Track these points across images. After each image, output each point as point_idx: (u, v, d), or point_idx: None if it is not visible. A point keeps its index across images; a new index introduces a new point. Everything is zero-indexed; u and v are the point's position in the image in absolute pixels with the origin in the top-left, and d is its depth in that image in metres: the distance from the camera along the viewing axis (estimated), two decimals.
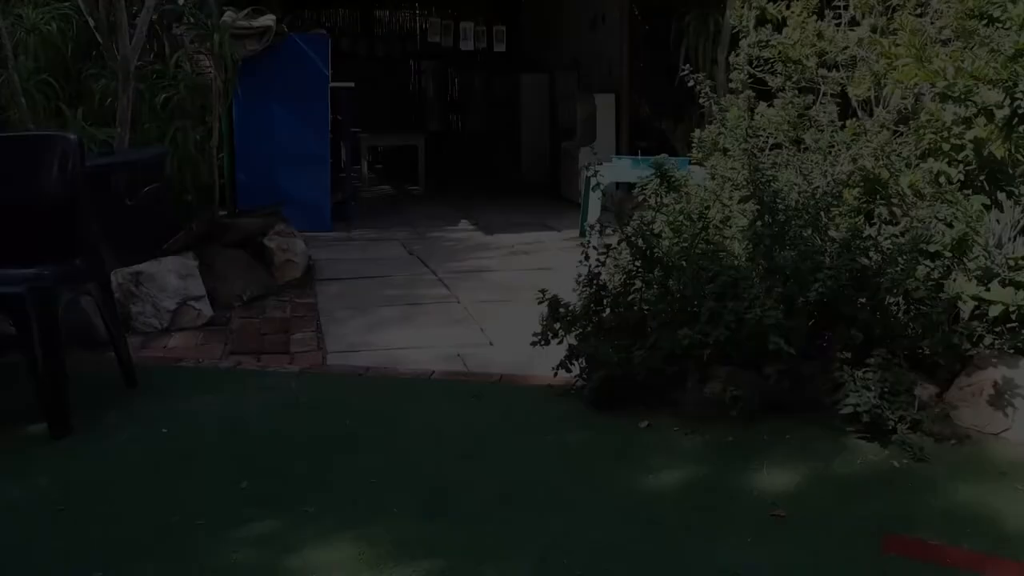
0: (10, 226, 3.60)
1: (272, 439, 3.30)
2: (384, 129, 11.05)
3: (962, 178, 3.58)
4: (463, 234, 7.56)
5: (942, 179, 3.57)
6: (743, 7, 4.91)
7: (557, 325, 3.61)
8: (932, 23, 4.51)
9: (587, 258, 3.67)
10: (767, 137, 3.97)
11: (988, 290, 3.07)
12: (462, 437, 3.31)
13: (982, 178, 3.41)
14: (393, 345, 4.40)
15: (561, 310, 3.70)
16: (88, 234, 3.69)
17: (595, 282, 3.65)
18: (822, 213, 3.35)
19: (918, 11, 4.54)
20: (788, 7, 4.83)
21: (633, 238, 3.40)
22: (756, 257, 3.24)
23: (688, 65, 4.90)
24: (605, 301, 3.65)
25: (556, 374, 3.69)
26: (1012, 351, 3.24)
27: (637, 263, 3.53)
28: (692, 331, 3.15)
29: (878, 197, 3.76)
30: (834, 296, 3.22)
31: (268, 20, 7.03)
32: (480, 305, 5.10)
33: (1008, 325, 3.26)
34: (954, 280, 3.20)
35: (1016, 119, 3.35)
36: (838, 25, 4.81)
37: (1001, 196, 3.36)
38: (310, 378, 3.94)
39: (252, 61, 7.06)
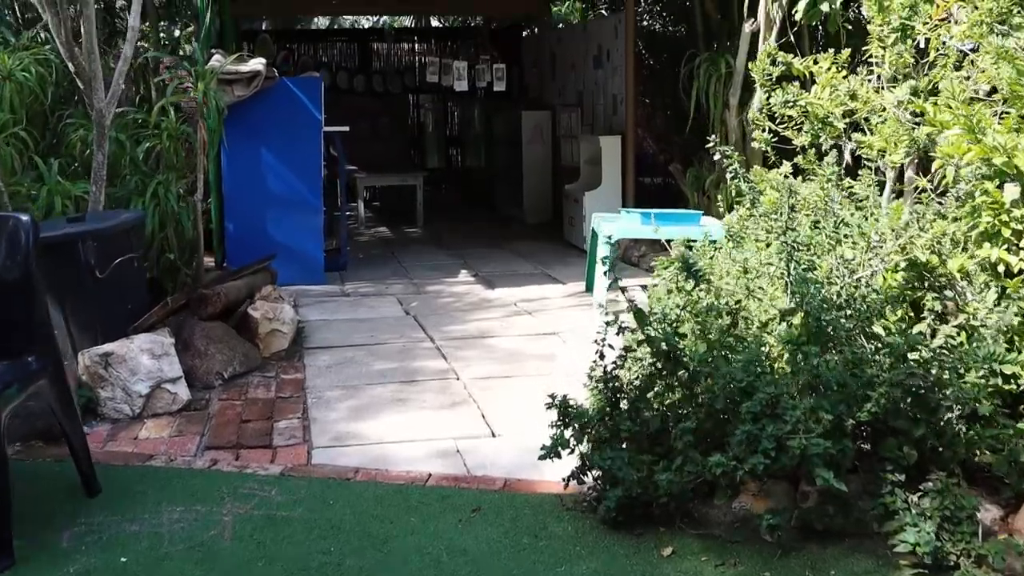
0: None
1: (245, 571, 2.89)
2: (382, 168, 10.68)
3: None
4: (462, 288, 7.16)
5: (1000, 268, 3.19)
6: (767, 60, 4.54)
7: (568, 433, 3.21)
8: (969, 77, 4.14)
9: (602, 357, 3.27)
10: (802, 218, 3.58)
11: None
12: (461, 567, 2.91)
13: None
14: (385, 438, 3.99)
15: (571, 410, 3.30)
16: (42, 327, 3.31)
17: (611, 384, 3.25)
18: (872, 317, 2.96)
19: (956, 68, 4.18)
20: (815, 62, 4.47)
21: (656, 339, 3.00)
22: (798, 373, 2.84)
23: (708, 122, 4.52)
24: (622, 404, 3.25)
25: (567, 485, 3.30)
26: None
27: (658, 364, 3.14)
28: (725, 457, 2.74)
29: (925, 283, 3.37)
30: (885, 411, 2.82)
31: (257, 64, 6.67)
32: (481, 383, 4.70)
33: None
34: None
35: None
36: (870, 81, 4.45)
37: None
38: (292, 483, 3.53)
39: (242, 106, 6.70)
